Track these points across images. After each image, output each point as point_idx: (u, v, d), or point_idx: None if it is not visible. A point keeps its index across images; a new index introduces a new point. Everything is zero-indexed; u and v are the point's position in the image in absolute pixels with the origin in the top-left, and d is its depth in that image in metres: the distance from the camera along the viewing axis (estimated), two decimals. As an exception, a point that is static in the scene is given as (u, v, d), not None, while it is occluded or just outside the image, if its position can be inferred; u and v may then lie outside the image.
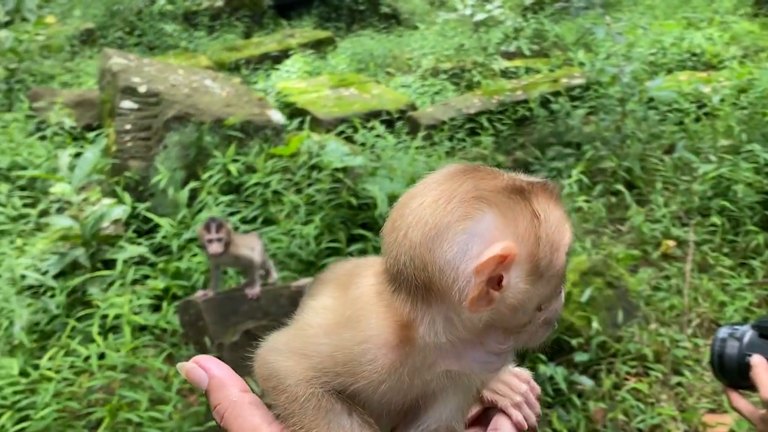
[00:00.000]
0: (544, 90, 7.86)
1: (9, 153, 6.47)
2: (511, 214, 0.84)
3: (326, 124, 7.53)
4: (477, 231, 0.83)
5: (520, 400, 1.04)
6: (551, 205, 0.88)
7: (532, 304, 0.87)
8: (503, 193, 0.85)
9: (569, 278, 4.21)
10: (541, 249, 0.85)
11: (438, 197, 0.86)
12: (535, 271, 0.85)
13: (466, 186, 0.85)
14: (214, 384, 0.95)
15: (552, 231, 0.86)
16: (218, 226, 3.89)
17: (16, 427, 3.45)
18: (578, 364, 3.97)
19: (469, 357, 0.91)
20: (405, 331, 0.87)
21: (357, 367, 0.88)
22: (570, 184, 5.71)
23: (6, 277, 4.64)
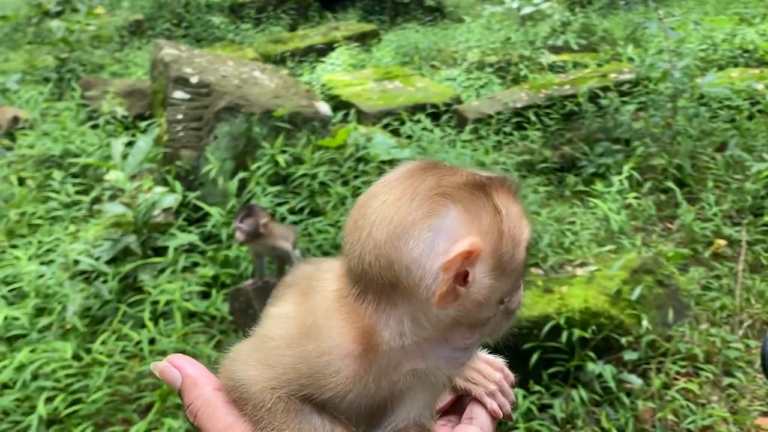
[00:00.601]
0: (592, 85, 7.76)
1: (62, 141, 6.60)
2: (474, 209, 0.84)
3: (371, 116, 7.54)
4: (442, 227, 0.83)
5: (495, 389, 1.05)
6: (511, 200, 0.88)
7: (495, 297, 0.88)
8: (465, 188, 0.85)
9: (619, 275, 4.16)
10: (504, 244, 0.85)
11: (401, 195, 0.86)
12: (499, 265, 0.85)
13: (428, 183, 0.86)
14: (188, 383, 0.94)
15: (513, 226, 0.87)
16: (245, 216, 3.96)
17: (69, 410, 3.52)
18: (627, 363, 3.91)
19: (435, 355, 0.91)
20: (367, 338, 0.87)
21: (321, 379, 0.87)
22: (620, 180, 5.63)
23: (60, 262, 4.74)
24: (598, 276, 4.20)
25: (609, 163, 6.28)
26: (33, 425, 3.39)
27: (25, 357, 3.72)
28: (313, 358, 0.87)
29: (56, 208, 5.58)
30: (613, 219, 5.01)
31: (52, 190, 5.80)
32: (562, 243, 4.77)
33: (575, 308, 3.89)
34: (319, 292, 0.92)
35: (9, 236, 5.24)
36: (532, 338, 3.81)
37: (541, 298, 4.03)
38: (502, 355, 1.11)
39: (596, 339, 3.80)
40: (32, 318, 4.23)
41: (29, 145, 6.63)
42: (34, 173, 6.19)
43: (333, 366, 0.86)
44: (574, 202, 5.72)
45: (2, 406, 3.57)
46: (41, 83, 9.28)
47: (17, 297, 4.53)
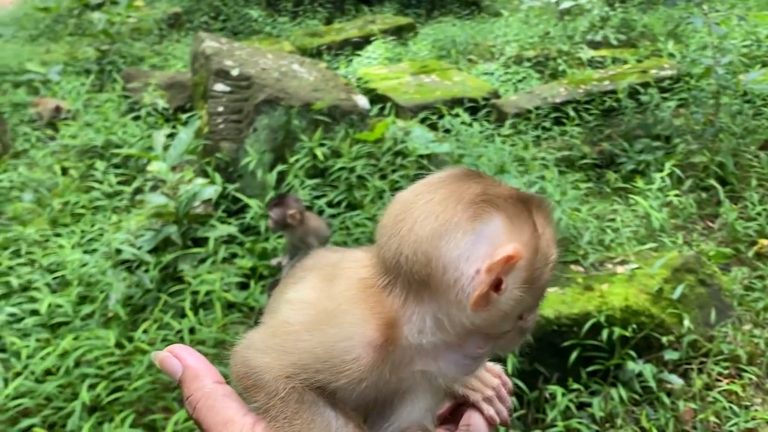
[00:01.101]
0: (632, 81, 7.66)
1: (104, 131, 6.70)
2: (517, 221, 0.86)
3: (407, 110, 7.53)
4: (485, 233, 0.84)
5: (492, 395, 1.05)
6: (546, 221, 0.91)
7: (518, 311, 0.90)
8: (510, 200, 0.87)
9: (660, 274, 4.11)
10: (537, 260, 0.87)
11: (448, 195, 0.88)
12: (529, 279, 0.87)
13: (474, 188, 0.87)
14: (188, 374, 0.93)
15: (546, 245, 0.89)
16: (275, 204, 3.99)
17: (111, 397, 3.57)
18: (668, 362, 3.87)
19: (447, 359, 0.92)
20: (389, 330, 0.87)
21: (339, 365, 0.86)
22: (661, 178, 5.55)
23: (102, 251, 4.82)
24: (639, 274, 4.15)
25: (649, 160, 6.20)
26: (76, 411, 3.45)
27: (68, 344, 3.78)
28: (333, 343, 0.87)
29: (99, 197, 5.67)
30: (654, 217, 4.94)
31: (94, 180, 5.89)
32: (602, 240, 4.72)
33: (616, 306, 3.85)
34: (345, 278, 0.92)
35: (53, 225, 5.34)
36: (571, 336, 3.79)
37: (581, 295, 4.00)
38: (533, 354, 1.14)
39: (636, 338, 3.76)
40: (75, 306, 4.30)
41: (72, 136, 6.74)
42: (77, 163, 6.29)
43: (353, 352, 0.86)
44: (614, 199, 5.65)
45: (46, 392, 3.64)
46: (82, 74, 9.41)
47: (61, 285, 4.61)
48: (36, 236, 5.10)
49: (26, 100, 8.31)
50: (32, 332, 4.13)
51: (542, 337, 3.83)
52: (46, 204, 5.61)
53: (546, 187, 5.10)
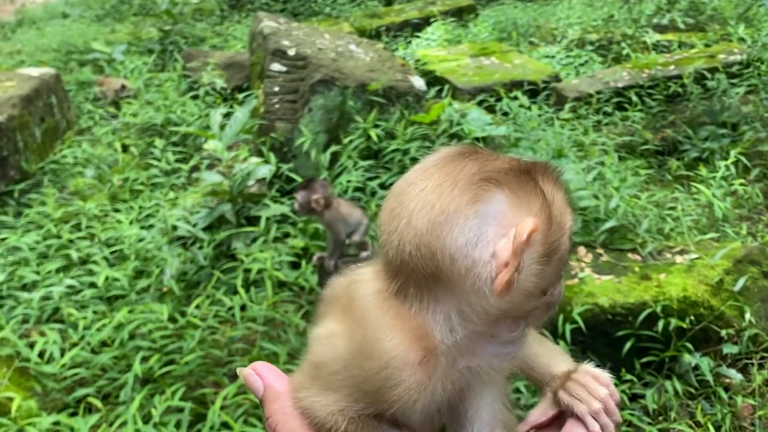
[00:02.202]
0: (699, 65, 7.39)
1: (164, 110, 6.81)
2: (523, 193, 0.79)
3: (465, 92, 7.43)
4: (489, 213, 0.78)
5: (598, 408, 0.96)
6: (556, 186, 0.85)
7: (541, 286, 0.84)
8: (511, 173, 0.80)
9: (721, 264, 3.96)
10: (552, 230, 0.81)
11: (442, 181, 0.81)
12: (548, 252, 0.81)
13: (470, 168, 0.80)
14: (269, 394, 0.93)
15: (560, 213, 0.83)
16: (301, 187, 3.94)
17: (163, 370, 3.63)
18: (726, 356, 3.74)
19: (485, 351, 0.87)
20: (423, 341, 0.83)
21: (386, 393, 0.83)
22: (726, 166, 5.35)
23: (159, 227, 4.90)
24: (699, 264, 4.01)
25: (713, 148, 5.99)
26: (129, 383, 3.52)
27: (123, 317, 3.87)
28: (373, 376, 0.84)
29: (157, 175, 5.77)
30: (717, 206, 4.77)
31: (153, 158, 6.00)
32: (661, 229, 4.58)
33: (673, 297, 3.74)
34: (360, 299, 0.88)
35: (112, 201, 5.46)
36: (626, 325, 3.69)
37: (637, 284, 3.89)
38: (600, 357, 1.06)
39: (694, 330, 3.64)
40: (131, 280, 4.40)
41: (133, 114, 6.87)
42: (137, 141, 6.41)
43: (395, 379, 0.83)
44: (676, 187, 5.48)
45: (101, 363, 3.73)
46: (145, 54, 9.58)
47: (118, 259, 4.72)
48: (96, 211, 5.22)
49: (91, 79, 8.51)
50: (89, 304, 4.24)
51: (595, 326, 3.75)
52: (107, 180, 5.74)
53: (605, 172, 4.97)
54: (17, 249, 4.81)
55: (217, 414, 3.28)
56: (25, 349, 3.77)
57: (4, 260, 4.72)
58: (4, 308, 4.32)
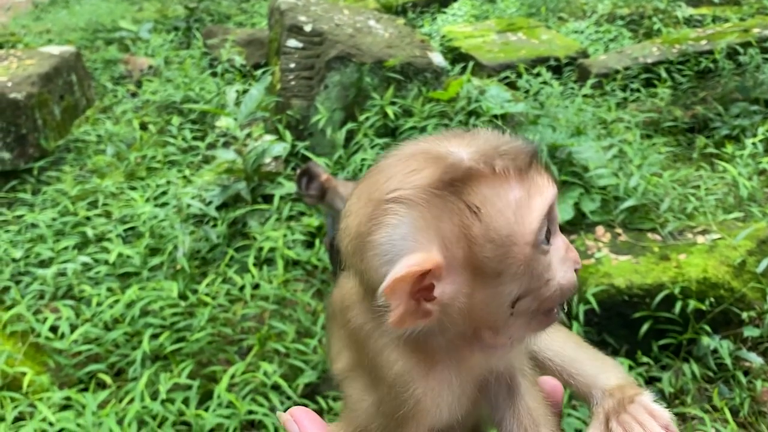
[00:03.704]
0: (731, 40, 7.15)
1: (183, 87, 6.80)
2: (432, 215, 0.71)
3: (490, 69, 7.31)
4: (395, 239, 0.72)
5: None
6: (504, 188, 0.72)
7: (498, 303, 0.75)
8: (427, 189, 0.71)
9: (744, 245, 3.83)
10: (481, 248, 0.71)
11: (365, 191, 0.77)
12: (481, 272, 0.72)
13: (389, 183, 0.73)
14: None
15: (498, 225, 0.71)
16: (309, 181, 3.87)
17: (173, 347, 3.64)
18: (747, 339, 3.63)
19: (474, 350, 0.83)
20: (422, 353, 0.81)
21: (412, 412, 0.82)
22: (754, 144, 5.18)
23: (173, 205, 4.90)
24: (721, 245, 3.88)
25: (745, 125, 5.80)
26: (138, 359, 3.53)
27: (134, 294, 3.87)
28: (390, 401, 0.82)
29: (174, 152, 5.76)
30: (743, 184, 4.61)
31: (170, 136, 5.99)
32: (684, 208, 4.45)
33: (692, 278, 3.62)
34: (354, 324, 0.86)
35: (129, 178, 5.47)
36: (643, 307, 3.60)
37: (656, 265, 3.78)
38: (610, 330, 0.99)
39: (714, 312, 3.53)
40: (145, 257, 4.40)
41: (153, 92, 6.87)
42: (155, 118, 6.41)
43: (412, 398, 0.81)
44: (702, 165, 5.32)
45: (113, 339, 3.74)
46: (171, 32, 9.58)
47: (133, 237, 4.73)
48: (112, 189, 5.24)
49: (117, 57, 8.53)
50: (103, 281, 4.25)
51: (611, 307, 3.66)
52: (124, 158, 5.75)
53: (626, 150, 4.83)
54: (34, 226, 4.84)
55: (224, 392, 3.27)
56: (38, 324, 3.80)
57: (22, 237, 4.76)
58: (21, 284, 4.36)
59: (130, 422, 3.11)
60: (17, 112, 5.54)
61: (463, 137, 0.78)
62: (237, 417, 3.17)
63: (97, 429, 3.10)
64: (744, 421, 3.33)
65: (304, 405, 3.12)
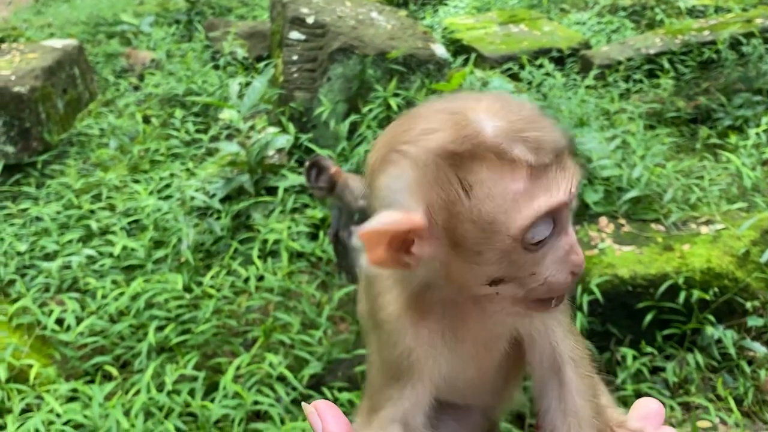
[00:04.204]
0: (734, 30, 7.13)
1: (185, 80, 6.80)
2: (427, 179, 0.73)
3: (492, 61, 7.30)
4: (393, 189, 0.75)
5: None
6: (509, 177, 0.70)
7: (475, 277, 0.76)
8: (431, 153, 0.72)
9: (748, 235, 3.84)
10: (461, 225, 0.72)
11: (387, 133, 0.80)
12: (459, 246, 0.73)
13: (409, 133, 0.75)
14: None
15: (484, 210, 0.71)
16: (318, 174, 3.88)
17: (178, 339, 3.65)
18: (751, 329, 3.63)
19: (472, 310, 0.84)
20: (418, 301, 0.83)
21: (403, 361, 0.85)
22: (758, 134, 5.17)
23: (176, 197, 4.91)
24: (725, 235, 3.89)
25: (748, 116, 5.80)
26: (143, 351, 3.55)
27: (139, 286, 3.88)
28: (387, 346, 0.87)
29: (177, 145, 5.77)
30: (747, 174, 4.61)
31: (174, 128, 6.00)
32: (687, 199, 4.45)
33: (696, 268, 3.63)
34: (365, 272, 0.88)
35: (132, 171, 5.48)
36: (646, 297, 3.60)
37: (659, 255, 3.79)
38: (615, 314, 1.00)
39: (717, 302, 3.54)
40: (149, 250, 4.41)
41: (155, 85, 6.87)
42: (158, 111, 6.42)
43: (401, 343, 0.85)
44: (705, 156, 5.32)
45: (118, 332, 3.76)
46: (172, 25, 9.57)
47: (137, 229, 4.74)
48: (116, 182, 5.25)
49: (118, 51, 8.53)
50: (108, 274, 4.27)
51: (615, 298, 3.67)
52: (128, 151, 5.76)
53: (629, 141, 4.83)
54: (39, 219, 4.86)
55: (229, 383, 3.28)
56: (44, 317, 3.82)
57: (27, 230, 4.78)
58: (26, 277, 4.37)
59: (137, 413, 3.12)
60: (21, 106, 5.55)
61: (500, 105, 0.76)
62: (243, 408, 3.18)
63: (104, 420, 3.11)
64: (748, 410, 3.35)
65: (309, 396, 3.13)
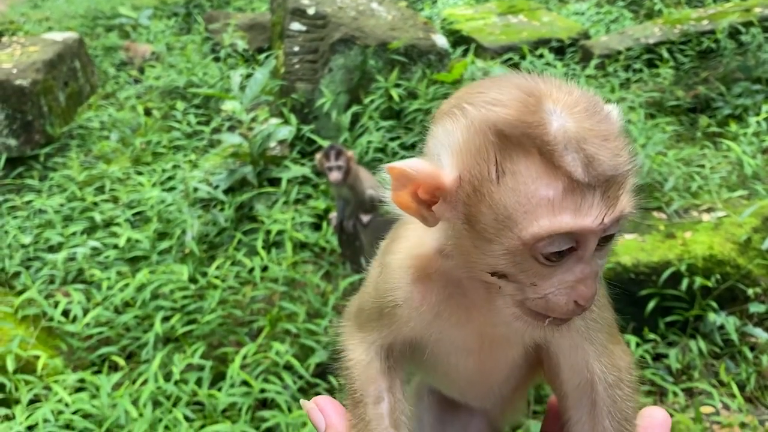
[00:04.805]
0: (733, 20, 7.13)
1: (186, 73, 6.80)
2: (474, 147, 0.72)
3: (491, 52, 7.30)
4: (442, 141, 0.76)
5: None
6: (546, 180, 0.69)
7: (480, 261, 0.75)
8: (485, 125, 0.71)
9: (749, 222, 3.86)
10: (480, 206, 0.71)
11: (462, 92, 0.80)
12: (473, 225, 0.72)
13: (478, 97, 0.75)
14: None
15: (505, 201, 0.69)
16: (337, 154, 3.91)
17: (184, 329, 3.67)
18: (753, 315, 3.66)
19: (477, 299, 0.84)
20: (424, 262, 0.85)
21: (390, 312, 0.88)
22: (758, 122, 5.19)
23: (180, 189, 4.92)
24: (726, 222, 3.91)
25: (747, 105, 5.81)
26: (150, 342, 3.57)
27: (144, 277, 3.90)
28: (380, 286, 0.90)
29: (179, 137, 5.78)
30: (747, 162, 4.63)
31: (175, 120, 6.00)
32: (689, 187, 4.47)
33: (698, 255, 3.65)
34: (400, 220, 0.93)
35: (135, 163, 5.49)
36: (649, 285, 3.63)
37: (661, 243, 3.81)
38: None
39: (720, 289, 3.56)
40: (153, 241, 4.43)
41: (155, 77, 6.87)
42: (159, 104, 6.42)
43: (392, 297, 0.87)
44: (705, 144, 5.34)
45: (124, 323, 3.77)
46: (171, 18, 9.56)
47: (141, 221, 4.75)
48: (119, 174, 5.26)
49: (117, 44, 8.52)
50: (113, 265, 4.28)
51: (618, 285, 3.68)
52: (129, 143, 5.76)
53: (630, 130, 4.85)
54: (43, 212, 4.87)
55: (237, 372, 3.30)
56: (50, 308, 3.83)
57: (31, 223, 4.79)
58: (31, 269, 4.38)
59: (145, 403, 3.14)
60: (23, 99, 5.55)
61: (584, 107, 0.74)
62: (251, 395, 3.20)
63: (112, 410, 3.13)
64: (751, 395, 3.37)
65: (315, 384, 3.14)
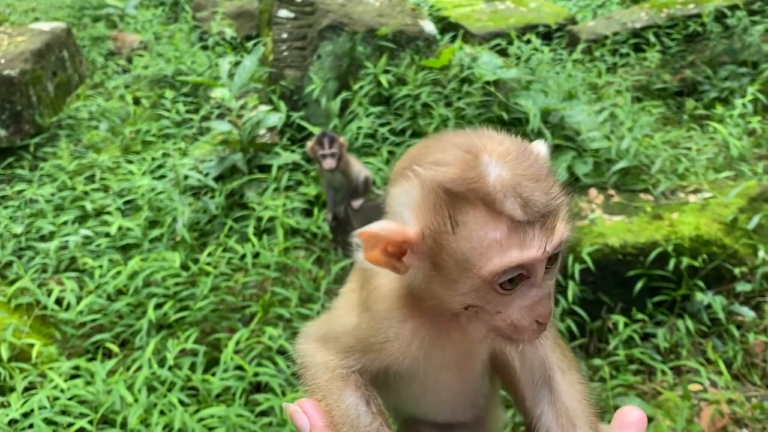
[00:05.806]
0: (719, 3, 7.17)
1: (174, 61, 6.79)
2: (428, 204, 0.81)
3: (479, 38, 7.32)
4: (400, 201, 0.84)
5: None
6: (492, 225, 0.78)
7: (451, 300, 0.84)
8: (436, 185, 0.80)
9: (735, 203, 3.91)
10: (443, 254, 0.80)
11: (411, 155, 0.87)
12: (440, 270, 0.81)
13: (426, 158, 0.83)
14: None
15: (463, 248, 0.79)
16: (331, 141, 3.94)
17: (177, 315, 3.69)
18: (739, 294, 3.71)
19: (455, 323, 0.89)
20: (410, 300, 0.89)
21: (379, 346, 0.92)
22: (743, 104, 5.25)
23: (170, 177, 4.93)
24: (713, 203, 3.96)
25: (733, 87, 5.87)
26: (143, 328, 3.59)
27: (136, 265, 3.91)
28: (367, 328, 0.93)
29: (168, 126, 5.78)
30: (733, 144, 4.69)
31: (164, 109, 6.00)
32: (675, 169, 4.52)
33: (685, 235, 3.71)
34: None
35: (125, 152, 5.49)
36: (637, 265, 3.68)
37: (648, 224, 3.86)
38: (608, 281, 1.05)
39: (706, 268, 3.62)
40: (145, 229, 4.44)
41: (144, 66, 6.86)
42: (148, 93, 6.41)
43: (383, 334, 0.91)
44: (692, 127, 5.39)
45: (117, 310, 3.79)
46: (158, 7, 9.51)
47: (132, 209, 4.76)
48: (109, 163, 5.26)
49: (105, 34, 8.48)
50: (105, 253, 4.30)
51: (606, 266, 3.73)
52: (119, 132, 5.76)
53: (617, 113, 4.89)
54: (34, 201, 4.87)
55: (230, 357, 3.34)
56: (44, 297, 3.85)
57: (22, 212, 4.79)
58: (24, 259, 4.39)
59: (140, 388, 3.17)
60: (12, 89, 5.54)
61: (515, 155, 0.81)
62: (245, 380, 3.23)
63: (107, 396, 3.16)
64: (738, 372, 3.43)
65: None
